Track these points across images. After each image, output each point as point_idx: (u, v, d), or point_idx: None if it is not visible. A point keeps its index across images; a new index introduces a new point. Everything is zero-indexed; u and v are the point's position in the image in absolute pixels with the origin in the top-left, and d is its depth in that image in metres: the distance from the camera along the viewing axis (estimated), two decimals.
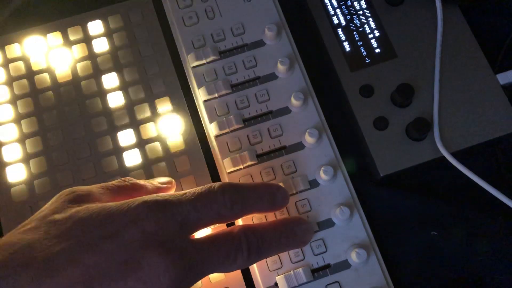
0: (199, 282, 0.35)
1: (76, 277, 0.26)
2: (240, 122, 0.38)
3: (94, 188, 0.31)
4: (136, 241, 0.27)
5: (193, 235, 0.30)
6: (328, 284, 0.34)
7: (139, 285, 0.26)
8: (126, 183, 0.33)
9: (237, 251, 0.30)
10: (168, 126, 0.39)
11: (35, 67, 0.41)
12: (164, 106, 0.40)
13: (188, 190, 0.30)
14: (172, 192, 0.35)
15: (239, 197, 0.31)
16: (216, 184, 0.31)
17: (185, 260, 0.28)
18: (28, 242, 0.27)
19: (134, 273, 0.26)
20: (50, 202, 0.30)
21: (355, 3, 0.42)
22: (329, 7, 0.42)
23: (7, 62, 0.41)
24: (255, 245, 0.30)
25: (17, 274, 0.25)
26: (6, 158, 0.38)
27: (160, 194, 0.30)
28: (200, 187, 0.30)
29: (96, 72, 0.40)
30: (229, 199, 0.30)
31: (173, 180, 0.36)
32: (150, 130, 0.39)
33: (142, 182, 0.33)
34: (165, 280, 0.27)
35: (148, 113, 0.39)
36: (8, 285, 0.25)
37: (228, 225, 0.34)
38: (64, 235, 0.27)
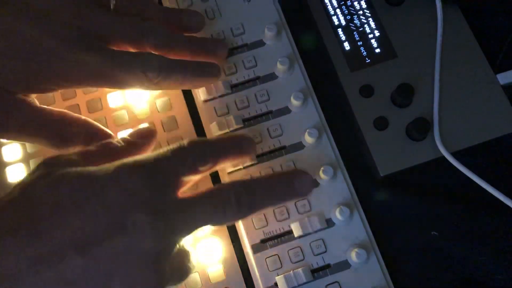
0: (199, 282, 0.35)
1: (63, 240, 0.26)
2: (240, 122, 0.38)
3: (72, 155, 0.31)
4: (119, 202, 0.27)
5: (178, 193, 0.31)
6: (328, 284, 0.34)
7: (125, 244, 0.27)
8: (103, 147, 0.33)
9: (225, 203, 0.30)
10: (168, 127, 0.39)
11: None
12: (164, 106, 0.39)
13: (161, 150, 0.31)
14: (151, 148, 0.35)
15: (209, 149, 0.32)
16: (185, 140, 0.31)
17: (170, 217, 0.28)
18: (12, 210, 0.27)
19: (119, 233, 0.27)
20: (31, 171, 0.30)
21: (355, 3, 0.42)
22: (329, 7, 0.42)
23: None
24: (245, 196, 0.30)
25: (3, 239, 0.26)
26: (6, 158, 0.38)
27: (138, 156, 0.31)
28: (171, 145, 0.31)
29: None
30: (201, 152, 0.31)
31: (151, 131, 0.35)
32: None
33: (119, 143, 0.33)
34: (150, 237, 0.27)
35: (148, 114, 0.39)
36: None
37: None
38: (47, 200, 0.27)
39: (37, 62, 0.32)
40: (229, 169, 0.37)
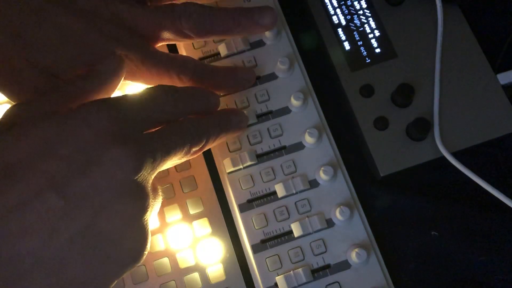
0: (199, 282, 0.35)
1: (40, 184, 0.26)
2: None
3: (39, 102, 0.31)
4: (92, 140, 0.28)
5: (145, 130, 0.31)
6: (328, 285, 0.34)
7: (105, 179, 0.27)
8: (69, 87, 0.32)
9: (186, 136, 0.32)
10: None
11: None
12: None
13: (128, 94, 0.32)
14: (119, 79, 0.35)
15: (180, 96, 0.33)
16: (157, 86, 0.32)
17: (143, 148, 0.29)
18: None
19: (97, 170, 0.27)
20: None
21: (355, 3, 0.42)
22: (329, 6, 0.42)
23: None
24: (197, 129, 0.33)
25: None
26: None
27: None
28: (144, 89, 0.32)
29: None
30: (172, 98, 0.32)
31: (113, 62, 0.35)
32: None
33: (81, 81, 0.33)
34: (129, 169, 0.28)
35: None
36: None
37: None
38: (19, 149, 0.27)
39: (83, 53, 0.34)
40: (229, 169, 0.37)
